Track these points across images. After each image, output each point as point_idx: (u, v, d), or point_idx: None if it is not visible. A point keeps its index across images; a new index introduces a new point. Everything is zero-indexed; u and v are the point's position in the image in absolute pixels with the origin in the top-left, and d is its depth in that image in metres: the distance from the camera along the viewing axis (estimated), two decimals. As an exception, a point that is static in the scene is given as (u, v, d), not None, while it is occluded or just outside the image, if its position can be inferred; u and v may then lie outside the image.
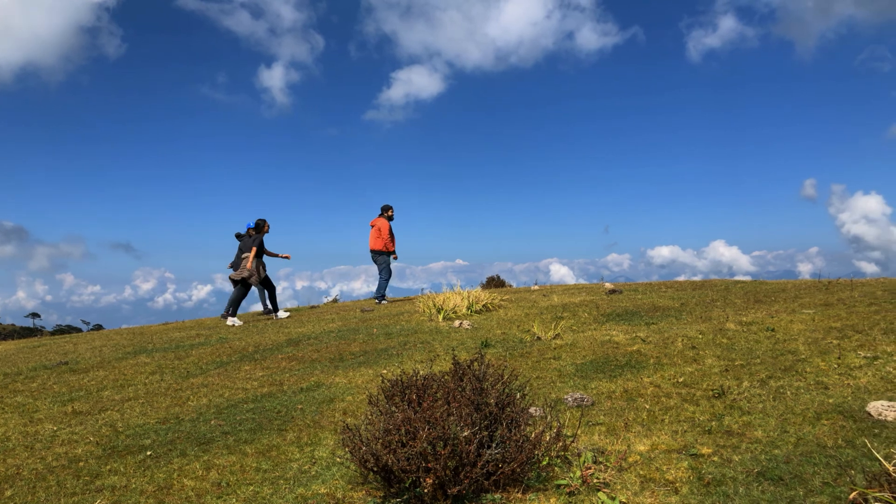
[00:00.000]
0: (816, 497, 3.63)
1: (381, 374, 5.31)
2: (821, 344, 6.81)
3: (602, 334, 8.49)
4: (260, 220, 14.35)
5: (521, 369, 6.98)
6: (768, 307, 9.47)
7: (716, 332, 7.93)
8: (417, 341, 8.98)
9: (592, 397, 5.80)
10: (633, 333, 8.33)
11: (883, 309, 8.31)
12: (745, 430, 4.75)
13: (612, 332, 8.62)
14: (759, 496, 3.71)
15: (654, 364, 6.72)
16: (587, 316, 10.15)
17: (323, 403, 6.30)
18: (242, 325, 13.42)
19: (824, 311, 8.59)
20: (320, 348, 9.18)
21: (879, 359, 6.05)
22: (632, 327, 8.87)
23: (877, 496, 3.24)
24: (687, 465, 4.21)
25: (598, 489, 3.90)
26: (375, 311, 13.43)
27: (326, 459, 4.80)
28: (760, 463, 4.15)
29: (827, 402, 5.15)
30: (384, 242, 14.55)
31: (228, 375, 8.04)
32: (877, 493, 3.23)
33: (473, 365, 4.52)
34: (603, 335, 8.42)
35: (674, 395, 5.67)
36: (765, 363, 6.34)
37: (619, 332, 8.50)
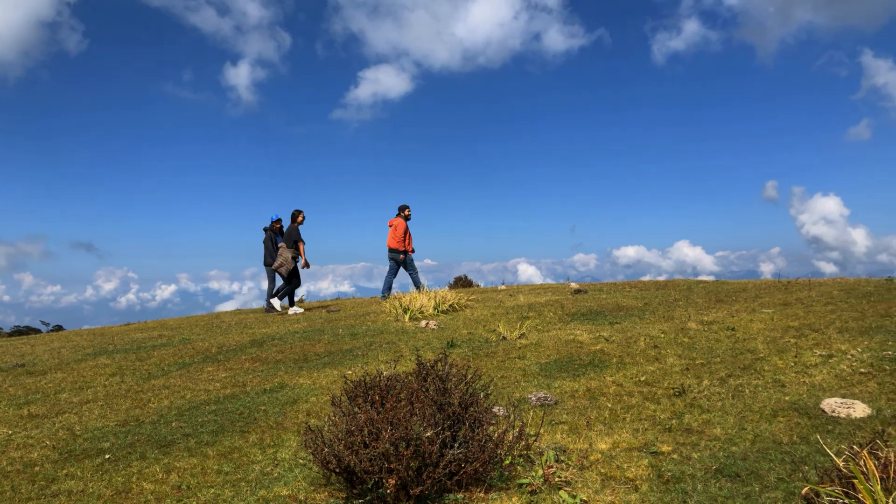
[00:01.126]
0: (771, 493, 3.71)
1: (344, 376, 5.28)
2: (779, 343, 6.96)
3: (566, 334, 8.56)
4: (295, 210, 14.46)
5: (487, 369, 7.01)
6: (729, 307, 9.64)
7: (678, 331, 8.05)
8: (383, 342, 8.96)
9: (556, 396, 5.84)
10: (597, 333, 8.41)
11: (839, 308, 8.52)
12: (704, 427, 4.83)
13: (577, 331, 8.69)
14: (717, 493, 3.77)
15: (617, 363, 6.79)
16: (552, 315, 10.23)
17: (286, 405, 6.25)
18: (303, 313, 13.63)
19: (783, 311, 8.77)
20: (284, 349, 9.11)
21: (834, 357, 6.20)
22: (596, 327, 8.96)
23: (828, 491, 3.32)
24: (647, 462, 4.27)
25: (559, 488, 3.93)
26: (341, 312, 13.37)
27: (289, 461, 4.77)
28: (718, 460, 4.22)
29: (783, 399, 5.26)
30: (398, 241, 14.67)
31: (191, 377, 7.93)
32: (828, 489, 3.31)
33: (437, 365, 4.52)
34: (567, 335, 8.49)
35: (635, 394, 5.75)
36: (724, 362, 6.46)
37: (584, 332, 8.58)
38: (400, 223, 14.75)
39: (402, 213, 15.00)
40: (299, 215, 14.46)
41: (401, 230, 14.66)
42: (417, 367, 4.48)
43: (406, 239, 14.74)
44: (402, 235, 14.65)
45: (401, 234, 14.64)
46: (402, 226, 14.74)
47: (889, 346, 6.32)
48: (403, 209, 15.01)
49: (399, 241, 14.63)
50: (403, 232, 14.69)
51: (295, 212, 14.48)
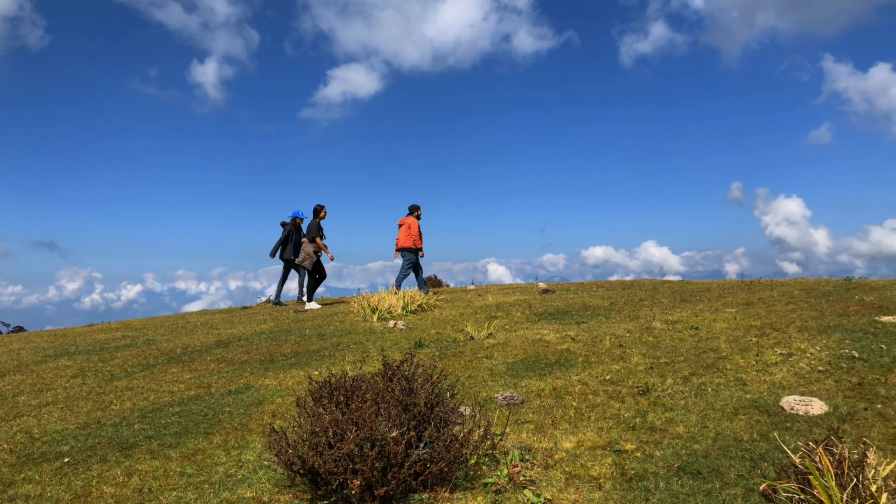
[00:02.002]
0: (731, 489, 3.77)
1: (310, 376, 5.25)
2: (741, 342, 7.08)
3: (534, 333, 8.61)
4: (317, 205, 14.52)
5: (454, 369, 7.02)
6: (693, 306, 9.78)
7: (643, 330, 8.15)
8: (351, 342, 8.92)
9: (522, 395, 5.87)
10: (564, 332, 8.48)
11: (799, 308, 8.69)
12: (667, 426, 4.90)
13: (544, 330, 8.75)
14: (679, 490, 3.83)
15: (583, 362, 6.85)
16: (520, 315, 10.28)
17: (252, 406, 6.20)
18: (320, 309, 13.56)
19: (746, 310, 8.93)
20: (251, 350, 9.03)
21: (794, 355, 6.33)
22: (563, 326, 9.03)
23: (785, 487, 3.39)
24: (611, 461, 4.32)
25: (524, 487, 3.96)
26: (309, 312, 13.28)
27: (253, 463, 4.72)
28: (681, 458, 4.29)
29: (745, 397, 5.35)
30: (413, 240, 14.75)
31: (154, 378, 7.82)
32: (785, 485, 3.38)
33: (403, 366, 4.52)
34: (534, 334, 8.54)
35: (601, 393, 5.80)
36: (688, 361, 6.55)
37: (551, 331, 8.63)
38: (414, 222, 14.87)
39: (414, 212, 15.10)
40: (321, 210, 14.52)
41: (415, 229, 14.78)
42: (383, 368, 4.48)
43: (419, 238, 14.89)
44: (418, 234, 14.83)
45: (416, 233, 14.77)
46: (417, 224, 14.87)
47: (846, 345, 6.47)
48: (415, 209, 15.11)
49: (415, 239, 14.77)
50: (418, 231, 14.86)
51: (317, 207, 14.54)
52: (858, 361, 5.95)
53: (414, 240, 14.73)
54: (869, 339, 6.66)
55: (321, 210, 14.53)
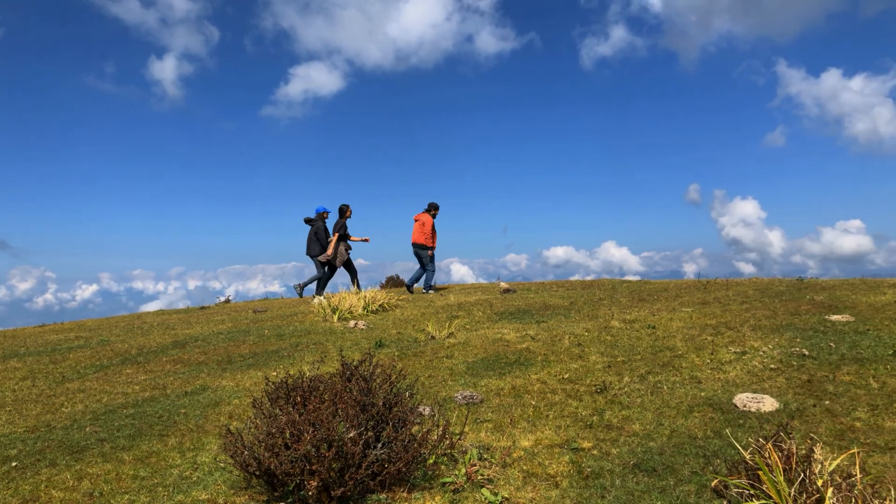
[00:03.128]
0: (685, 486, 3.84)
1: (266, 377, 5.19)
2: (696, 340, 7.21)
3: (494, 332, 8.64)
4: (343, 205, 14.81)
5: (414, 368, 7.01)
6: (651, 305, 9.93)
7: (601, 329, 8.24)
8: (310, 342, 8.85)
9: (482, 395, 5.89)
10: (524, 331, 8.53)
11: (753, 307, 8.89)
12: (623, 423, 4.96)
13: (504, 330, 8.79)
14: (634, 487, 3.88)
15: (542, 361, 6.90)
16: (481, 315, 10.31)
17: (208, 407, 6.10)
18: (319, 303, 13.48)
19: (701, 310, 9.09)
20: (208, 350, 8.89)
21: (747, 354, 6.47)
22: (523, 325, 9.08)
23: (736, 483, 3.46)
24: (568, 459, 4.36)
25: (482, 486, 3.97)
26: (269, 312, 13.14)
27: (209, 464, 4.65)
28: (637, 455, 4.35)
29: (699, 395, 5.45)
30: (426, 236, 14.81)
31: (108, 380, 7.65)
32: (736, 481, 3.45)
33: (362, 366, 4.49)
34: (495, 333, 8.57)
35: (559, 392, 5.85)
36: (645, 359, 6.65)
37: (511, 331, 8.68)
38: (428, 219, 14.93)
39: (431, 210, 15.17)
40: (347, 210, 14.81)
41: (429, 226, 14.85)
42: (342, 368, 4.45)
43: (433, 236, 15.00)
44: (431, 231, 14.90)
45: (429, 230, 14.84)
46: (431, 222, 14.93)
47: (797, 343, 6.63)
48: (434, 207, 15.21)
49: (428, 236, 14.83)
50: (432, 228, 14.94)
51: (342, 206, 14.82)
52: (808, 359, 6.10)
53: (426, 237, 14.86)
54: (819, 337, 6.83)
55: (347, 209, 14.82)
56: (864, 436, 4.36)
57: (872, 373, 5.53)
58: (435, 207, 15.24)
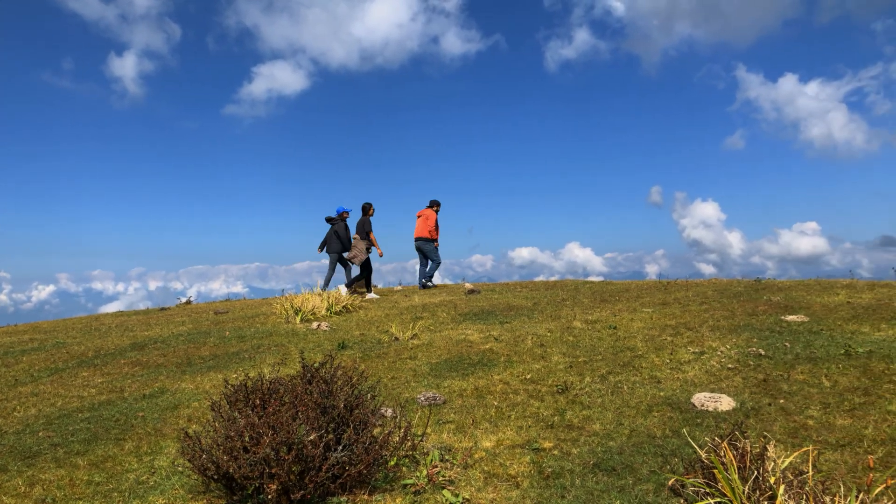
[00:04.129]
0: (644, 485, 3.89)
1: (226, 379, 5.12)
2: (656, 341, 7.31)
3: (458, 333, 8.66)
4: (366, 203, 15.03)
5: (377, 370, 6.98)
6: (612, 306, 10.04)
7: (563, 330, 8.31)
8: (272, 344, 8.76)
9: (445, 396, 5.89)
10: (488, 332, 8.56)
11: (712, 307, 9.04)
12: (584, 423, 5.01)
13: (468, 331, 8.81)
14: (594, 487, 3.92)
15: (505, 362, 6.93)
16: (445, 316, 10.32)
17: (167, 410, 6.00)
18: (378, 299, 13.82)
19: (662, 310, 9.22)
20: (167, 352, 8.74)
21: (706, 354, 6.58)
22: (487, 326, 9.11)
23: (692, 482, 3.52)
24: (529, 459, 4.38)
25: (443, 487, 3.97)
26: (230, 314, 12.97)
27: (167, 469, 4.57)
28: (597, 455, 4.39)
29: (659, 395, 5.53)
30: (429, 230, 15.20)
31: (63, 383, 7.47)
32: (691, 479, 3.51)
33: (323, 368, 4.46)
34: (459, 334, 8.59)
35: (521, 392, 5.88)
36: (606, 359, 6.72)
37: (475, 332, 8.70)
38: (431, 214, 15.33)
39: (433, 206, 15.56)
40: (370, 208, 14.99)
41: (433, 220, 15.26)
42: (302, 370, 4.42)
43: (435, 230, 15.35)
44: (434, 226, 15.29)
45: (433, 224, 15.24)
46: (434, 217, 15.34)
47: (754, 343, 6.77)
48: (435, 203, 15.60)
49: (432, 229, 15.20)
50: (435, 223, 15.34)
51: (366, 205, 15.00)
52: (764, 359, 6.23)
53: (430, 230, 15.17)
54: (775, 337, 6.98)
55: (370, 208, 14.98)
56: (817, 433, 4.46)
57: (825, 372, 5.67)
58: (437, 203, 15.59)
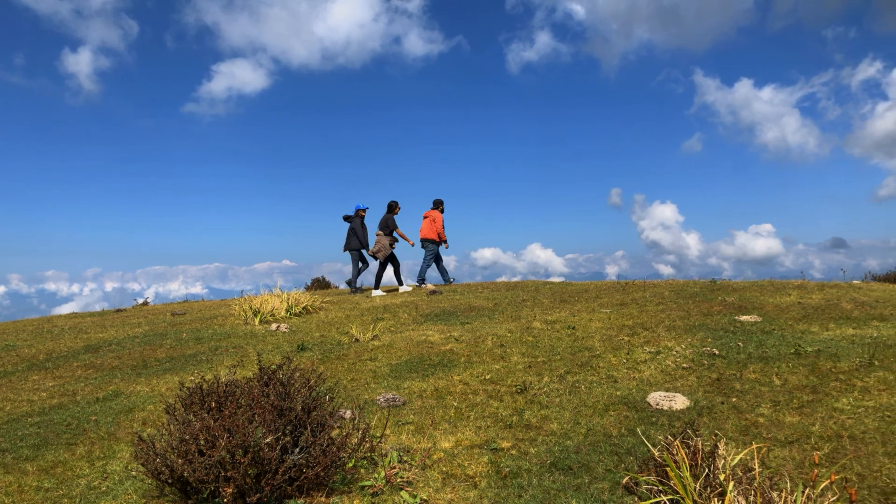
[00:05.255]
0: (599, 484, 3.94)
1: (181, 382, 5.04)
2: (614, 340, 7.42)
3: (419, 334, 8.66)
4: (392, 201, 15.50)
5: (337, 372, 6.95)
6: (572, 307, 10.15)
7: (523, 330, 8.38)
8: (230, 346, 8.65)
9: (404, 397, 5.89)
10: (448, 333, 8.58)
11: (668, 308, 9.20)
12: (542, 423, 5.06)
13: (429, 331, 8.82)
14: (550, 486, 3.96)
15: (465, 362, 6.96)
16: (406, 316, 10.31)
17: (121, 413, 5.89)
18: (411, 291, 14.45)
19: (619, 310, 9.35)
20: (122, 355, 8.57)
21: (661, 353, 6.69)
22: (447, 327, 9.13)
23: (645, 480, 3.58)
24: (487, 459, 4.41)
25: (401, 488, 3.97)
26: (188, 315, 12.78)
27: (120, 473, 4.49)
28: (554, 454, 4.43)
29: (615, 394, 5.61)
30: (437, 231, 15.34)
31: (12, 387, 7.27)
32: (645, 477, 3.57)
33: (281, 370, 4.43)
34: (419, 335, 8.59)
35: (480, 392, 5.91)
36: (564, 359, 6.79)
37: (435, 332, 8.72)
38: (438, 215, 15.46)
39: (438, 206, 15.72)
40: (396, 206, 15.44)
41: (440, 222, 15.37)
42: (259, 372, 4.37)
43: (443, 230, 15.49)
44: (441, 227, 15.40)
45: (440, 226, 15.35)
46: (441, 218, 15.46)
47: (708, 343, 6.91)
48: (440, 203, 15.77)
49: (440, 230, 15.33)
50: (442, 224, 15.44)
51: (392, 203, 15.46)
52: (718, 358, 6.36)
53: (438, 231, 15.32)
54: (728, 337, 7.13)
55: (396, 206, 15.41)
56: (767, 431, 4.58)
57: (776, 370, 5.81)
58: (441, 203, 15.79)
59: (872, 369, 5.55)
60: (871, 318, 7.54)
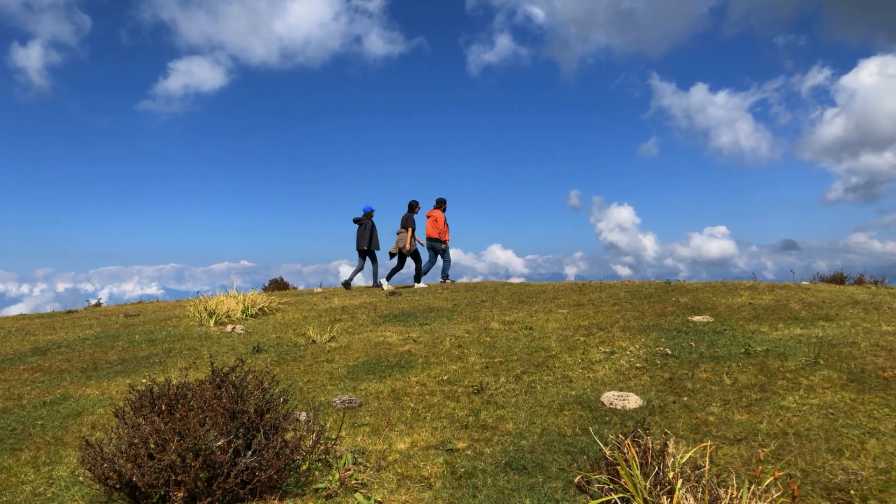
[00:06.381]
0: (553, 483, 3.98)
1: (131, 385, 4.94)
2: (570, 341, 7.50)
3: (377, 335, 8.64)
4: (412, 201, 15.96)
5: (293, 373, 6.89)
6: (529, 307, 10.23)
7: (481, 331, 8.41)
8: (184, 348, 8.50)
9: (361, 398, 5.87)
10: (406, 334, 8.57)
11: (623, 308, 9.34)
12: (498, 423, 5.09)
13: (387, 333, 8.80)
14: (504, 486, 3.98)
15: (423, 363, 6.96)
16: (365, 318, 10.27)
17: (69, 417, 5.75)
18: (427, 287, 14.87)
19: (576, 311, 9.46)
20: (72, 357, 8.36)
21: (616, 353, 6.79)
22: (406, 328, 9.12)
23: (596, 478, 3.63)
24: (442, 460, 4.41)
25: (355, 490, 3.95)
26: (141, 316, 12.53)
27: (66, 479, 4.38)
28: (509, 454, 4.46)
29: (570, 394, 5.67)
30: (439, 231, 15.60)
31: (-45, 391, 7.04)
32: (596, 476, 3.62)
33: (234, 372, 4.37)
34: (377, 336, 8.57)
35: (437, 393, 5.92)
36: (521, 360, 6.84)
37: (393, 333, 8.70)
38: (440, 215, 15.68)
39: (441, 206, 15.96)
40: (416, 206, 15.89)
41: (441, 221, 15.62)
42: (212, 374, 4.31)
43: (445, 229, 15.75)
44: (444, 226, 15.68)
45: (442, 225, 15.62)
46: (443, 217, 15.69)
47: (661, 343, 7.03)
48: (442, 202, 16.03)
49: (441, 231, 15.59)
50: (444, 223, 15.70)
51: (412, 202, 15.91)
52: (671, 358, 6.48)
53: (440, 231, 15.60)
54: (681, 337, 7.27)
55: (416, 205, 15.88)
56: (717, 429, 4.67)
57: (726, 370, 5.94)
58: (444, 202, 16.09)
59: (818, 368, 5.71)
60: (818, 319, 7.76)
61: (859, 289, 10.85)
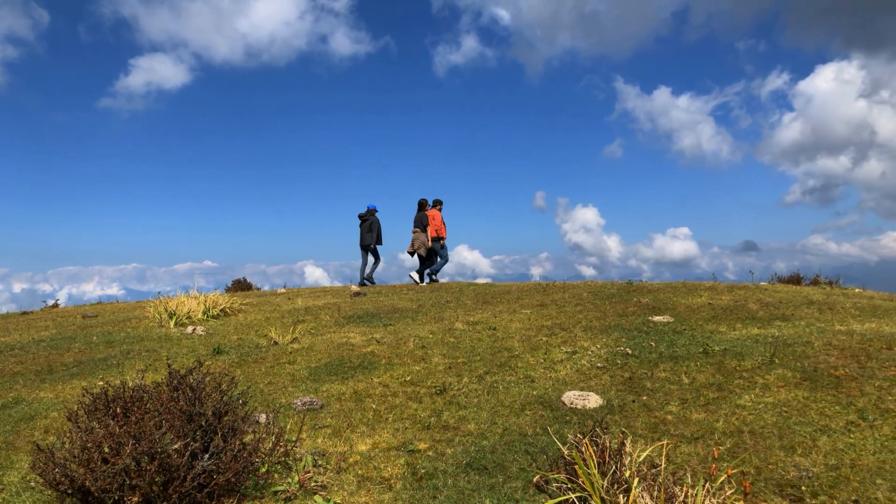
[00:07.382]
0: (513, 483, 4.00)
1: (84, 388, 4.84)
2: (532, 341, 7.54)
3: (340, 336, 8.59)
4: (422, 199, 16.47)
5: (254, 375, 6.81)
6: (494, 307, 10.27)
7: (445, 331, 8.42)
8: (143, 349, 8.35)
9: (322, 400, 5.83)
10: (370, 335, 8.54)
11: (586, 308, 9.43)
12: (459, 423, 5.09)
13: (351, 333, 8.76)
14: (465, 486, 3.99)
15: (386, 364, 6.94)
16: (328, 318, 10.21)
17: (21, 422, 5.61)
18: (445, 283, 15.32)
19: (539, 311, 9.52)
20: (25, 359, 8.16)
21: (577, 353, 6.85)
22: (370, 329, 9.09)
23: (555, 478, 3.66)
24: (404, 461, 4.41)
25: (315, 492, 3.93)
26: (100, 317, 12.27)
27: (17, 485, 4.28)
28: (470, 454, 4.47)
29: (532, 394, 5.70)
30: (436, 229, 16.03)
31: None
32: (555, 475, 3.65)
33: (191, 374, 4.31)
34: (341, 337, 8.52)
35: (400, 394, 5.91)
36: (484, 360, 6.86)
37: (357, 334, 8.66)
38: (437, 214, 16.18)
39: (437, 205, 16.46)
40: (426, 205, 16.37)
41: (439, 219, 16.12)
42: (169, 376, 4.24)
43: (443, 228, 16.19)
44: (441, 224, 16.14)
45: (440, 223, 16.10)
46: (440, 216, 16.20)
47: (622, 343, 7.11)
48: (438, 203, 16.54)
49: (439, 227, 16.05)
50: (441, 221, 16.15)
51: (422, 201, 16.43)
52: (631, 358, 6.55)
53: (437, 229, 16.03)
54: (642, 337, 7.36)
55: (426, 204, 16.39)
56: (674, 428, 4.74)
57: (685, 369, 6.03)
58: (440, 203, 16.56)
59: (773, 367, 5.83)
60: (775, 319, 7.92)
61: (815, 289, 11.12)
